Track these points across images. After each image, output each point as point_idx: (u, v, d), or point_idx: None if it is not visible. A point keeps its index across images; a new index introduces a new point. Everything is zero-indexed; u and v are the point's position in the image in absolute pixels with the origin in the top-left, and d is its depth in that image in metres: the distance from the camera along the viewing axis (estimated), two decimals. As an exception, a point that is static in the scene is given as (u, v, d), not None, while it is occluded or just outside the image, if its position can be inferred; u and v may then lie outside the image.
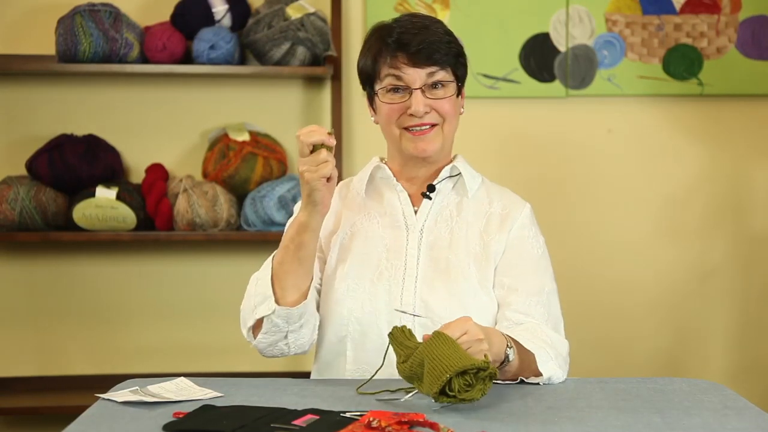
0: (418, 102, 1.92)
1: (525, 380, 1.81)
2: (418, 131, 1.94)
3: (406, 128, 1.95)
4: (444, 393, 1.58)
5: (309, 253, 1.88)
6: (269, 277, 1.88)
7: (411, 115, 1.93)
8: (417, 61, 1.91)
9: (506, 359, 1.76)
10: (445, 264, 1.95)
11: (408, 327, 1.70)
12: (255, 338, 1.91)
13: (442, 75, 1.93)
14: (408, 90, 1.93)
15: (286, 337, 1.89)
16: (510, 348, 1.76)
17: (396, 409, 1.59)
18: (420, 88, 1.92)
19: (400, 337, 1.68)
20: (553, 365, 1.82)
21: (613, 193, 3.42)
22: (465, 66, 2.00)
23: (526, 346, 1.81)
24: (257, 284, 1.91)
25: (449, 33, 1.97)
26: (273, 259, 1.91)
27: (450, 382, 1.57)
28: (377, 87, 1.96)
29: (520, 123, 3.40)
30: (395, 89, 1.93)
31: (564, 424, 1.55)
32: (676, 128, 3.42)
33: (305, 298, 1.88)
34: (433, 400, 1.61)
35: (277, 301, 1.86)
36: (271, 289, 1.87)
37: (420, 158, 1.98)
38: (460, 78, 1.98)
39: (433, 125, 1.95)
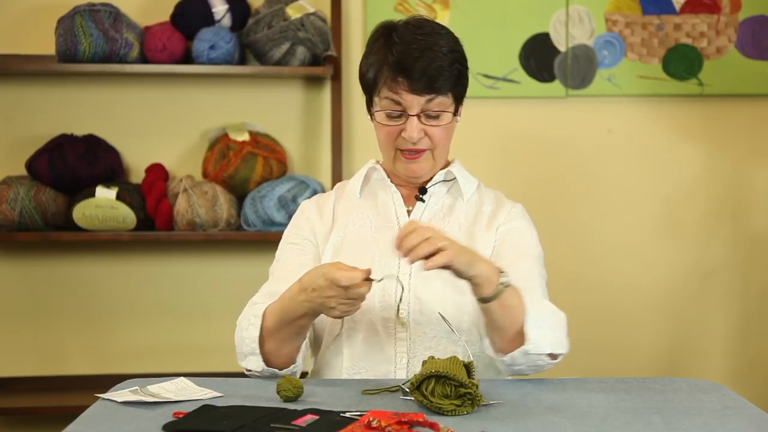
0: (413, 128, 1.92)
1: (520, 368, 1.79)
2: (410, 155, 1.96)
3: (401, 150, 1.96)
4: (420, 390, 1.60)
5: (307, 327, 1.86)
6: (258, 331, 1.85)
7: (405, 139, 1.94)
8: (417, 89, 1.90)
9: (501, 284, 1.71)
10: None
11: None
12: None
13: (441, 101, 1.92)
14: (405, 114, 1.93)
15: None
16: (503, 273, 1.72)
17: (396, 409, 1.59)
18: (417, 114, 1.92)
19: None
20: (542, 332, 1.77)
21: (613, 193, 3.42)
22: (466, 83, 1.98)
23: (523, 300, 1.77)
24: (248, 329, 1.87)
25: (453, 49, 1.93)
26: (266, 311, 1.85)
27: (429, 382, 1.59)
28: (376, 104, 1.96)
29: (520, 123, 3.40)
30: (391, 111, 1.93)
31: (564, 424, 1.55)
32: (676, 128, 3.42)
33: (297, 352, 1.88)
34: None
35: (266, 362, 1.86)
36: (259, 348, 1.86)
37: (409, 178, 2.01)
38: (459, 98, 1.97)
39: (425, 150, 1.96)
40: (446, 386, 1.59)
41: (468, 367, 1.66)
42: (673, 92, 3.38)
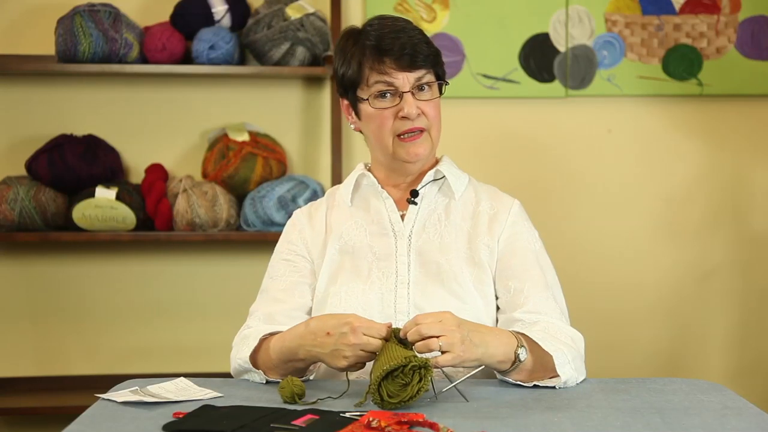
0: (410, 104, 1.92)
1: (539, 384, 1.79)
2: (410, 137, 1.95)
3: (399, 135, 1.95)
4: (383, 399, 1.59)
5: (305, 368, 1.86)
6: (250, 358, 1.85)
7: (404, 117, 1.93)
8: (404, 65, 1.92)
9: (517, 359, 1.75)
10: (437, 268, 1.95)
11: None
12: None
13: (429, 77, 1.95)
14: (397, 94, 1.93)
15: None
16: (521, 347, 1.76)
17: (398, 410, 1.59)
18: (410, 91, 1.93)
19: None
20: (569, 369, 1.80)
21: (613, 193, 3.42)
22: (443, 66, 2.01)
23: (543, 347, 1.79)
24: (242, 354, 1.87)
25: (422, 32, 1.98)
26: (268, 342, 1.85)
27: (382, 388, 1.59)
28: (364, 94, 1.95)
29: (519, 123, 3.40)
30: (383, 94, 1.93)
31: (564, 424, 1.55)
32: (676, 128, 3.42)
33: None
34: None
35: (266, 373, 1.85)
36: (261, 371, 1.85)
37: (411, 163, 1.98)
38: (441, 77, 1.99)
39: (422, 130, 1.96)
40: (394, 379, 1.58)
41: (403, 342, 1.66)
42: (673, 92, 3.38)
